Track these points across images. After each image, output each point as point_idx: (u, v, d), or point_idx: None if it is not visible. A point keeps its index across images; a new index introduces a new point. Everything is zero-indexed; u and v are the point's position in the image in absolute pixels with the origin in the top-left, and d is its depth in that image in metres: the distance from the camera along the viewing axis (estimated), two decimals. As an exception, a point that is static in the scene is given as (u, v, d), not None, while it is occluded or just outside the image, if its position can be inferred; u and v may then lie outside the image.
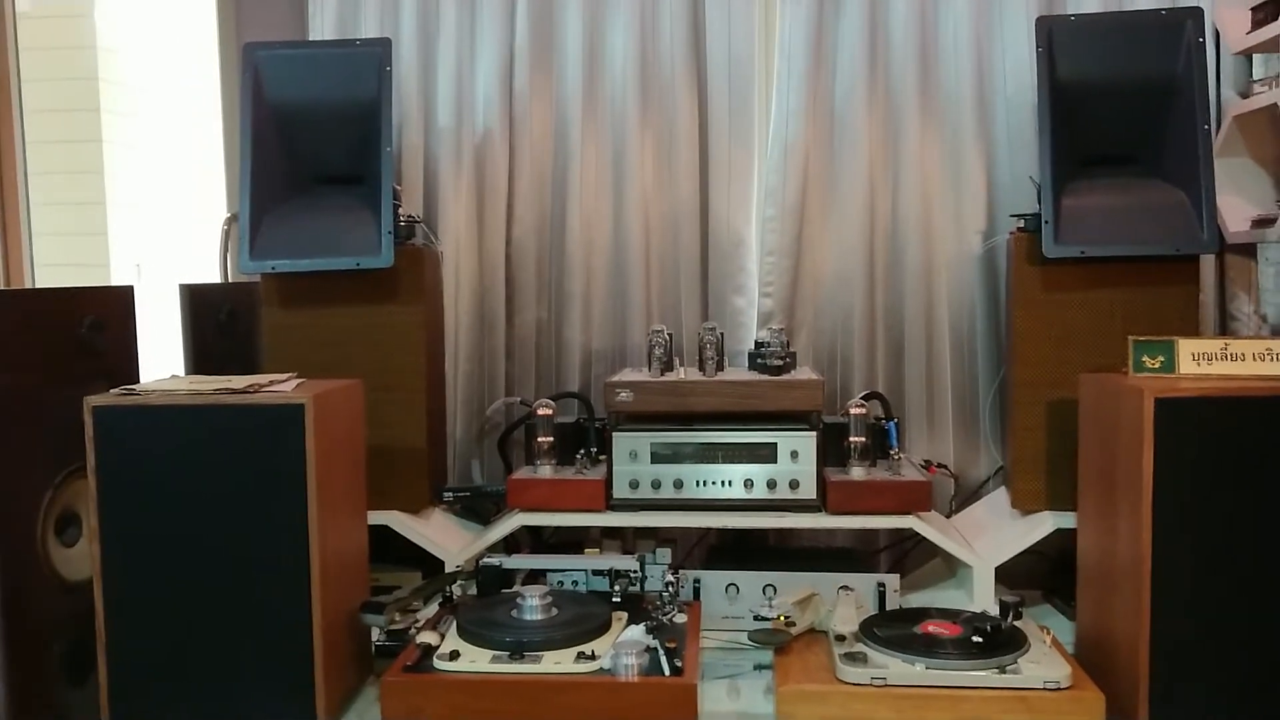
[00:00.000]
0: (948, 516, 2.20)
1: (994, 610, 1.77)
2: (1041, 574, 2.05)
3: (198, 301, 2.01)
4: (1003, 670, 1.47)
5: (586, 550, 1.97)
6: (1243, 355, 1.55)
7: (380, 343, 1.94)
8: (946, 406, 2.25)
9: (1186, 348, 1.57)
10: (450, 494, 2.07)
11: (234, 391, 1.54)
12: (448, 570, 1.93)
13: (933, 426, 2.26)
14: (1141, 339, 1.60)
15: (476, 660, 1.53)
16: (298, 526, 1.52)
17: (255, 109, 1.89)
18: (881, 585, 1.87)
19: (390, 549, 1.99)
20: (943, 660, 1.49)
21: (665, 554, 1.96)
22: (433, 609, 1.81)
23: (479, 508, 2.06)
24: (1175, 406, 1.44)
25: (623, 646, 1.51)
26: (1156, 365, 1.58)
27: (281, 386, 1.60)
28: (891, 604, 1.86)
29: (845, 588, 1.74)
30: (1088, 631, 1.71)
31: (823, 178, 2.25)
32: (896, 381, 2.27)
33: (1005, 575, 1.92)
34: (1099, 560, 1.64)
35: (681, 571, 1.91)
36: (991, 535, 1.97)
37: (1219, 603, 1.46)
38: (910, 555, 2.17)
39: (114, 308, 1.74)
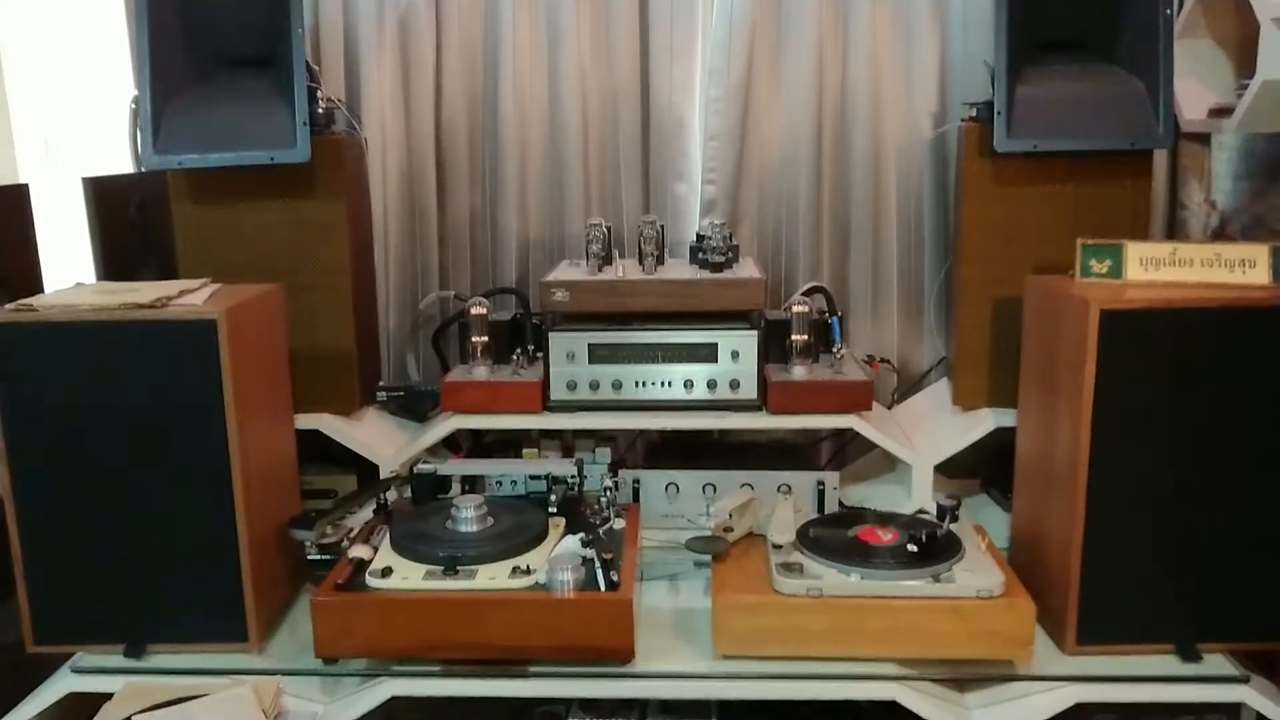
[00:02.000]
0: (889, 408, 2.19)
1: (932, 508, 1.78)
2: (981, 463, 2.05)
3: (104, 195, 1.89)
4: (936, 579, 1.48)
5: (525, 451, 1.94)
6: (1191, 260, 1.51)
7: (301, 239, 1.83)
8: (892, 295, 2.21)
9: (1134, 252, 1.53)
10: (384, 393, 2.01)
11: (140, 306, 1.45)
12: (382, 475, 1.89)
13: (877, 316, 2.22)
14: (1089, 242, 1.56)
15: (409, 577, 1.51)
16: (216, 442, 1.46)
17: (150, -16, 1.72)
18: (821, 484, 1.86)
19: (327, 450, 1.94)
20: (878, 570, 1.49)
21: (605, 453, 1.94)
22: (368, 513, 1.78)
23: (415, 406, 2.00)
24: (1120, 318, 1.40)
25: (558, 561, 1.49)
26: (1104, 270, 1.55)
27: (192, 298, 1.51)
28: (831, 503, 1.86)
29: (784, 487, 1.73)
30: (1023, 531, 1.72)
31: (769, 58, 2.13)
32: (841, 270, 2.22)
33: (944, 464, 1.92)
34: (1036, 462, 1.64)
35: (621, 472, 1.89)
36: (931, 430, 1.96)
37: (1154, 514, 1.47)
38: (851, 446, 2.17)
39: (6, 210, 1.62)
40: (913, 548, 1.51)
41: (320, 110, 1.88)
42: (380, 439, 1.94)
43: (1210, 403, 1.43)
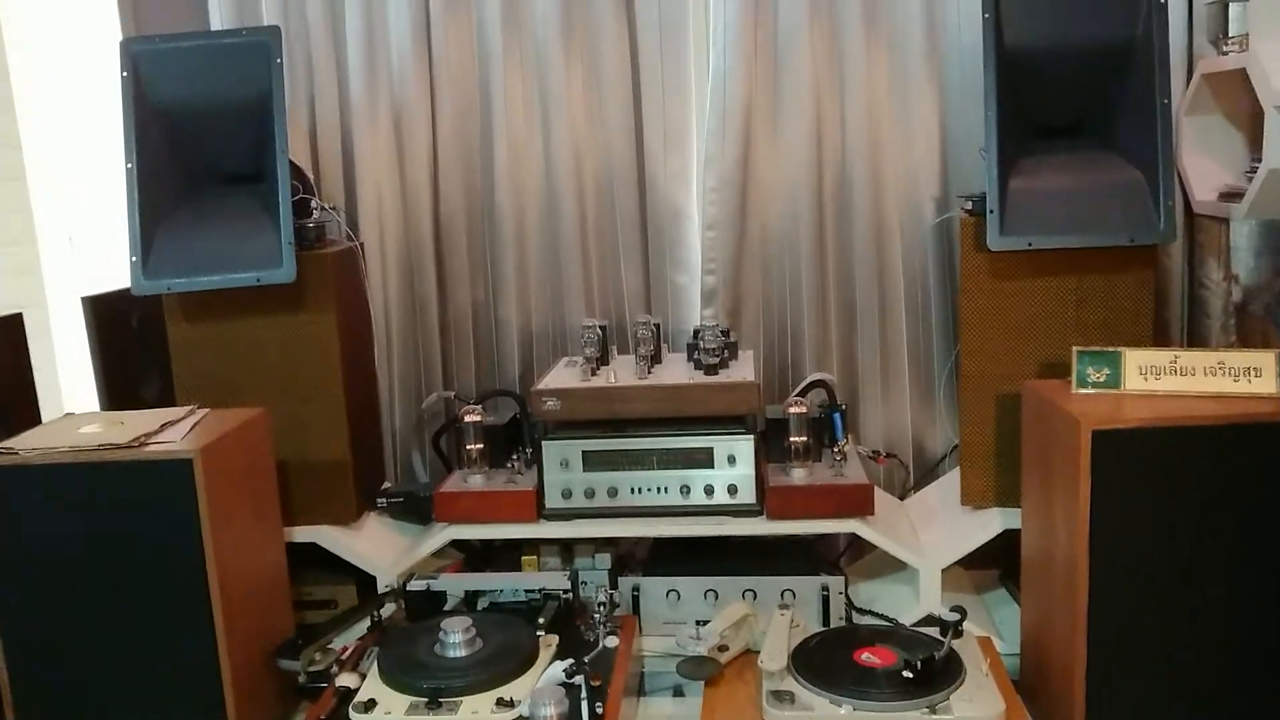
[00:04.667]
0: (902, 498, 2.12)
1: (941, 611, 1.72)
2: (999, 553, 1.98)
3: (105, 312, 1.91)
4: (933, 710, 1.42)
5: (524, 558, 1.92)
6: (1193, 369, 1.44)
7: (293, 354, 1.84)
8: (903, 378, 2.15)
9: (1133, 360, 1.47)
10: (384, 500, 1.99)
11: (118, 447, 1.46)
12: (380, 585, 1.87)
13: (888, 399, 2.17)
14: (1086, 350, 1.49)
15: (393, 710, 1.48)
16: (194, 575, 1.47)
17: (138, 110, 1.74)
18: (826, 589, 1.80)
19: (329, 559, 1.93)
20: (871, 701, 1.43)
21: (605, 559, 1.91)
22: (364, 628, 1.76)
23: (417, 509, 1.98)
24: (1113, 439, 1.34)
25: (540, 695, 1.46)
26: (1101, 379, 1.48)
27: (172, 433, 1.52)
28: (836, 610, 1.80)
29: (788, 593, 1.68)
30: (1031, 635, 1.65)
31: (765, 143, 2.10)
32: (849, 354, 2.17)
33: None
34: (1041, 569, 1.57)
35: (620, 579, 1.86)
36: (941, 528, 1.90)
37: (1159, 633, 1.39)
38: (862, 541, 2.10)
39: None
40: (908, 674, 1.45)
41: (311, 223, 1.89)
42: (379, 548, 1.93)
43: (1212, 520, 1.36)
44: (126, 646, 1.49)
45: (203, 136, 1.80)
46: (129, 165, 1.73)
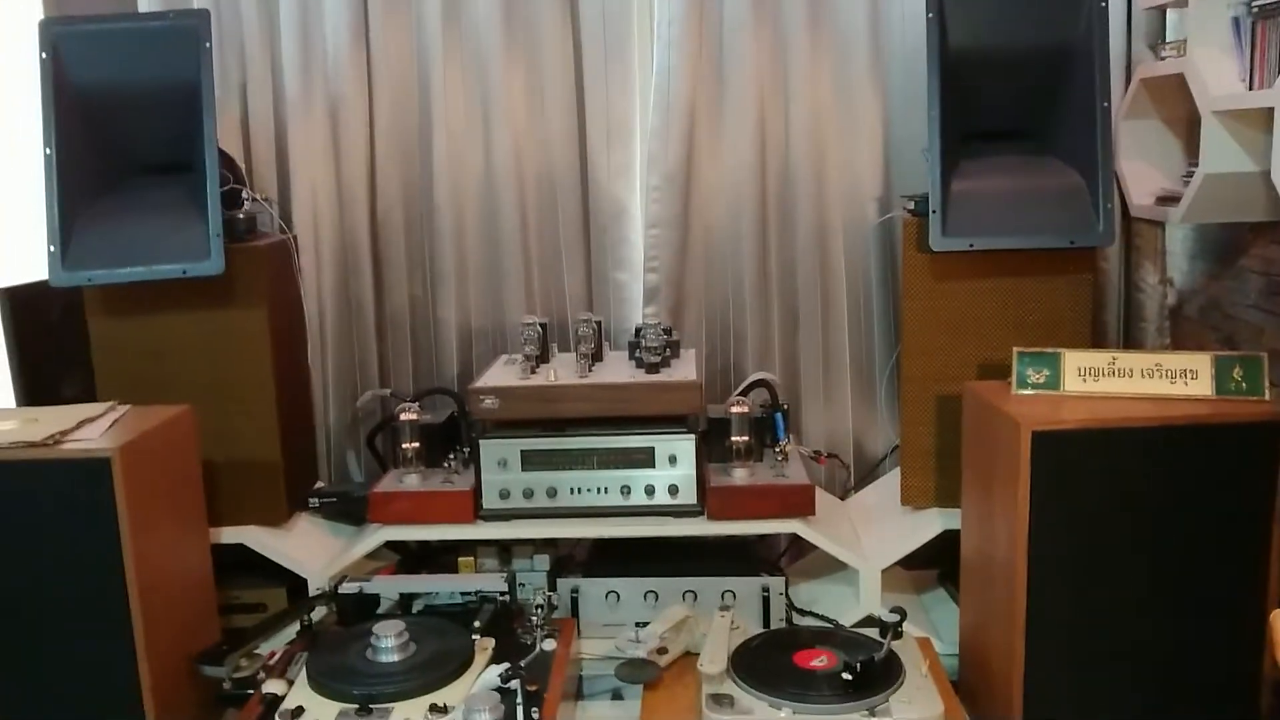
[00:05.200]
0: (843, 498, 2.12)
1: (881, 612, 1.71)
2: (938, 554, 1.98)
3: (21, 306, 1.82)
4: (872, 712, 1.41)
5: (461, 560, 1.88)
6: (1130, 371, 1.45)
7: (220, 352, 1.78)
8: (845, 379, 2.15)
9: (1072, 362, 1.47)
10: (316, 501, 1.94)
11: (33, 445, 1.39)
12: (311, 588, 1.82)
13: (830, 400, 2.16)
14: (1026, 351, 1.50)
15: (321, 719, 1.43)
16: (113, 577, 1.40)
17: (57, 95, 1.67)
18: (766, 590, 1.79)
19: (260, 562, 1.86)
20: (811, 704, 1.42)
21: (544, 560, 1.87)
22: (294, 632, 1.71)
23: (351, 510, 1.93)
24: (1052, 440, 1.34)
25: (474, 701, 1.42)
26: (1040, 380, 1.48)
27: (90, 430, 1.45)
28: (776, 611, 1.78)
29: (729, 594, 1.66)
30: (969, 636, 1.65)
31: (709, 142, 2.08)
32: (792, 354, 2.16)
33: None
34: (979, 568, 1.57)
35: (559, 580, 1.82)
36: (881, 529, 1.89)
37: (1097, 631, 1.39)
38: (803, 541, 2.09)
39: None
40: (848, 676, 1.44)
41: (242, 214, 1.83)
42: (310, 550, 1.87)
43: (1151, 521, 1.36)
44: (40, 652, 1.43)
45: (128, 123, 1.73)
46: (48, 151, 1.66)
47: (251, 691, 1.52)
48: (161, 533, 1.49)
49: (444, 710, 1.44)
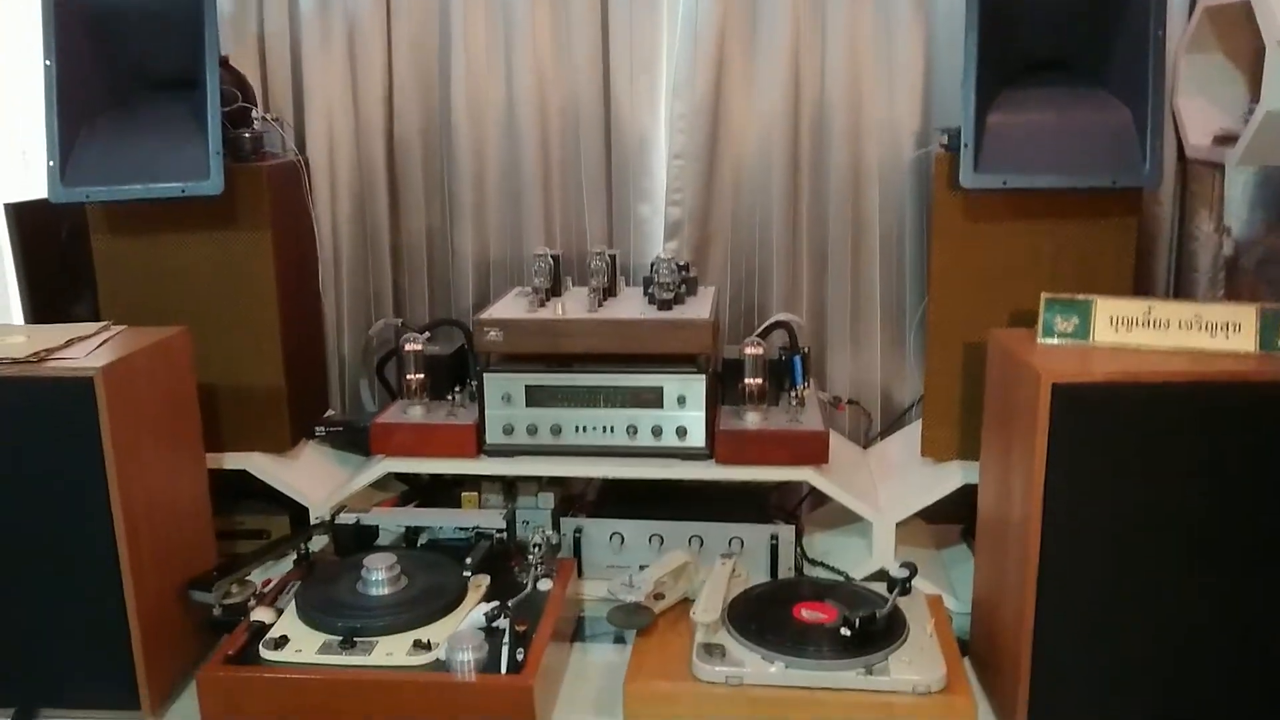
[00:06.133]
0: (866, 448, 2.04)
1: (894, 567, 1.64)
2: (962, 508, 1.90)
3: (29, 223, 1.81)
4: (869, 671, 1.34)
5: (464, 495, 1.84)
6: (1167, 322, 1.34)
7: (224, 275, 1.74)
8: (874, 324, 2.05)
9: (1105, 310, 1.37)
10: (323, 430, 1.91)
11: (16, 362, 1.37)
12: (312, 517, 1.80)
13: (858, 345, 2.07)
14: (1055, 297, 1.39)
15: (303, 649, 1.41)
16: (97, 502, 1.37)
17: (59, 6, 1.62)
18: (774, 539, 1.72)
19: (265, 489, 1.84)
20: (806, 659, 1.36)
21: (548, 499, 1.83)
22: (288, 564, 1.69)
23: (359, 440, 1.90)
24: (1075, 393, 1.24)
25: (458, 639, 1.38)
26: (1069, 329, 1.38)
27: (77, 350, 1.42)
28: (785, 560, 1.72)
29: (735, 542, 1.60)
30: (983, 598, 1.56)
31: (739, 70, 1.98)
32: (819, 297, 2.07)
33: (924, 509, 1.76)
34: (994, 528, 1.48)
35: (562, 520, 1.78)
36: (901, 480, 1.82)
37: (1114, 604, 1.30)
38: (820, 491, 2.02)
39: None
40: (846, 631, 1.38)
41: (248, 133, 1.78)
42: (314, 479, 1.85)
43: (1177, 486, 1.26)
44: (21, 577, 1.41)
45: (132, 36, 1.68)
46: (47, 63, 1.62)
47: (242, 619, 1.50)
48: (151, 456, 1.46)
49: (428, 646, 1.40)
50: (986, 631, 1.51)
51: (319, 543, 1.73)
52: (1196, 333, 1.32)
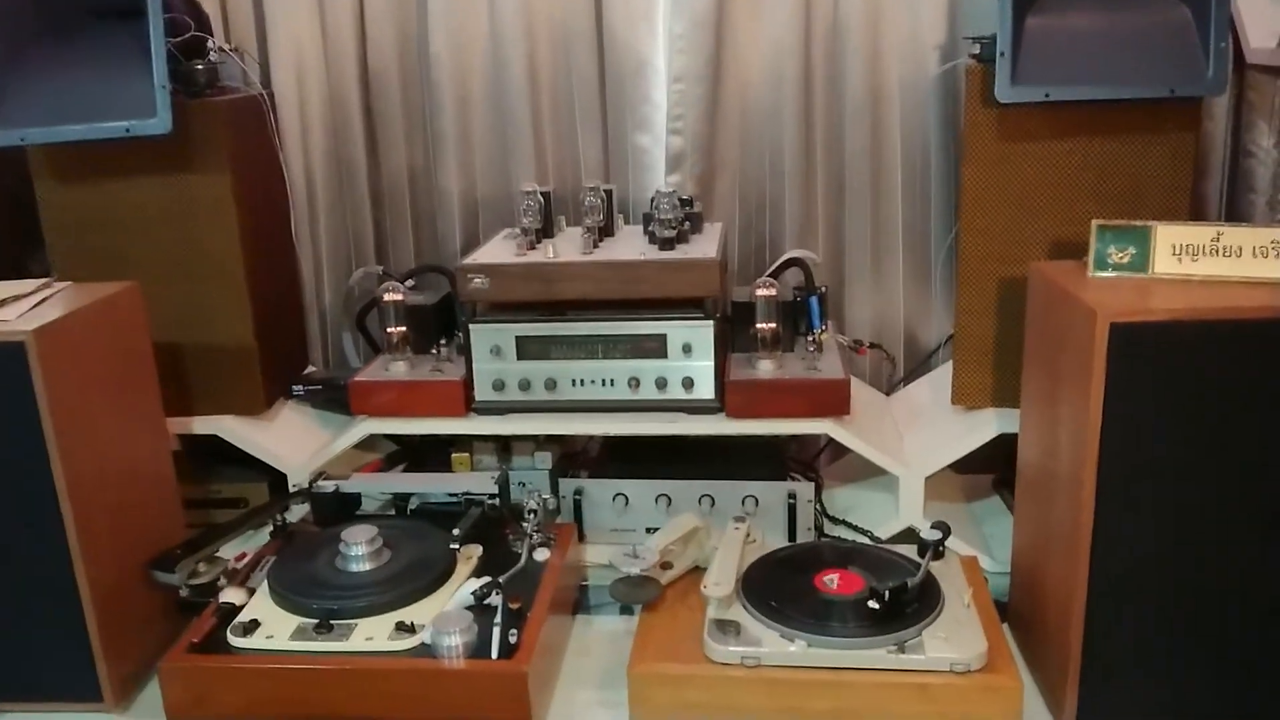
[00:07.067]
0: (889, 394, 1.89)
1: (923, 524, 1.51)
2: (995, 455, 1.75)
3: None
4: (901, 648, 1.20)
5: (455, 456, 1.70)
6: (1239, 249, 1.17)
7: (182, 223, 1.58)
8: (896, 260, 1.89)
9: (1166, 237, 1.20)
10: (301, 388, 1.77)
11: (-60, 325, 1.22)
12: (291, 483, 1.66)
13: (880, 282, 1.91)
14: (1108, 224, 1.23)
15: (276, 634, 1.28)
16: (38, 478, 1.24)
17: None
18: (792, 497, 1.58)
19: (244, 456, 1.71)
20: (830, 637, 1.22)
21: (545, 458, 1.69)
22: (264, 537, 1.55)
23: (340, 398, 1.75)
24: (1136, 334, 1.08)
25: (444, 620, 1.25)
26: (1124, 260, 1.22)
27: (7, 312, 1.28)
28: (804, 521, 1.58)
29: (738, 519, 1.46)
30: (1024, 558, 1.41)
31: (743, -20, 1.79)
32: (837, 231, 1.90)
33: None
34: (1038, 482, 1.33)
35: (561, 481, 1.64)
36: (928, 430, 1.66)
37: (1172, 563, 1.15)
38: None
39: None
40: (874, 604, 1.24)
41: (201, 64, 1.61)
42: (292, 442, 1.71)
43: (1253, 437, 1.10)
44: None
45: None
46: (-26, -10, 1.45)
47: (209, 599, 1.37)
48: (102, 424, 1.32)
49: (412, 629, 1.27)
50: (1029, 595, 1.37)
51: (298, 513, 1.59)
52: (1274, 260, 1.15)
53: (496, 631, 1.25)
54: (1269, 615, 1.15)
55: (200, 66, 1.60)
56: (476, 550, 1.44)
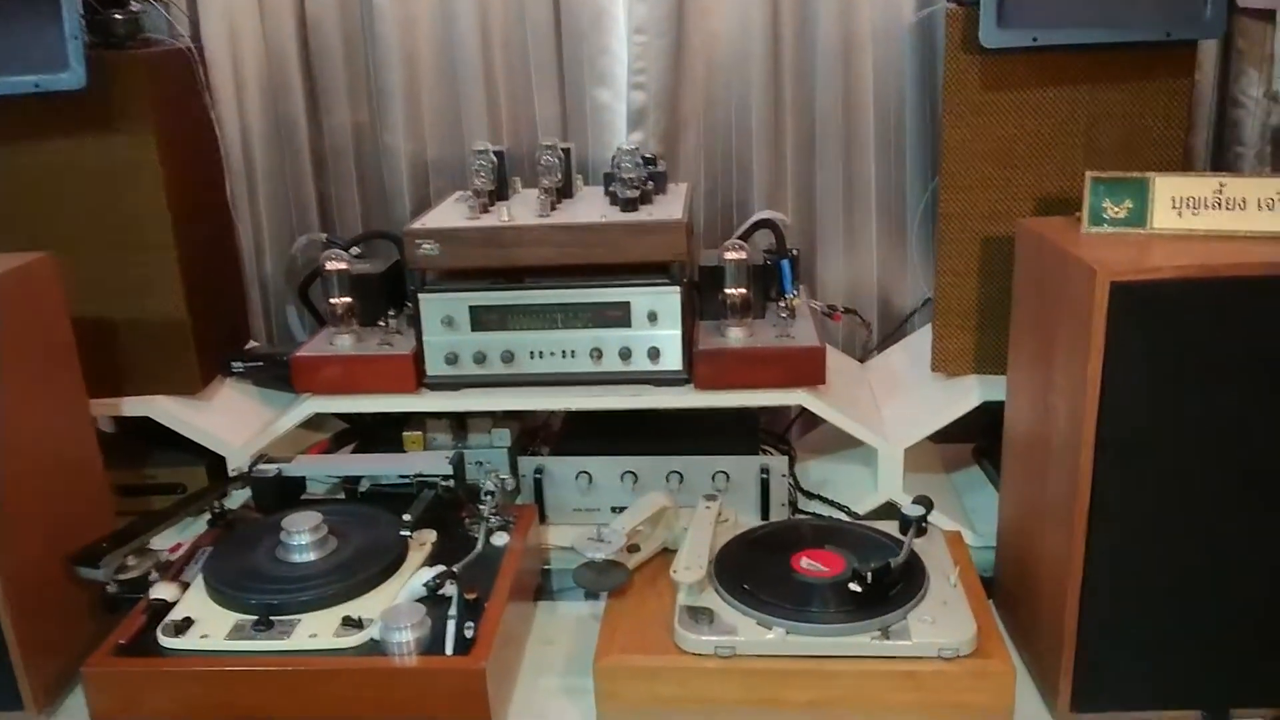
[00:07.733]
0: (862, 361, 1.81)
1: (903, 498, 1.43)
2: (974, 427, 1.67)
3: None
4: (885, 633, 1.12)
5: (406, 435, 1.60)
6: (1243, 201, 1.09)
7: (102, 187, 1.46)
8: (869, 219, 1.81)
9: (1165, 190, 1.12)
10: (241, 364, 1.65)
11: None
12: (230, 467, 1.55)
13: (853, 244, 1.82)
14: (1103, 177, 1.14)
15: (211, 633, 1.18)
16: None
17: None
18: (765, 472, 1.49)
19: (181, 439, 1.59)
20: (810, 623, 1.14)
21: (503, 435, 1.59)
22: (202, 526, 1.45)
23: (283, 375, 1.64)
24: (1138, 293, 1.00)
25: (394, 614, 1.15)
26: (1121, 215, 1.14)
27: (-98, 285, 1.15)
28: (777, 497, 1.49)
29: (709, 497, 1.37)
30: (1011, 532, 1.34)
31: (706, -79, 1.68)
32: (808, 189, 1.81)
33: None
34: (1027, 453, 1.25)
35: (520, 459, 1.54)
36: (907, 399, 1.58)
37: (1177, 537, 1.08)
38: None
39: None
40: (856, 586, 1.16)
41: (121, 15, 1.48)
42: (231, 423, 1.60)
43: (1262, 401, 1.03)
44: None
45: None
46: None
47: (139, 595, 1.27)
48: (13, 408, 1.21)
49: (359, 624, 1.17)
50: (1018, 571, 1.30)
51: (238, 499, 1.48)
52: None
53: (451, 625, 1.16)
54: (1276, 586, 1.08)
55: (120, 16, 1.47)
56: (430, 536, 1.34)
